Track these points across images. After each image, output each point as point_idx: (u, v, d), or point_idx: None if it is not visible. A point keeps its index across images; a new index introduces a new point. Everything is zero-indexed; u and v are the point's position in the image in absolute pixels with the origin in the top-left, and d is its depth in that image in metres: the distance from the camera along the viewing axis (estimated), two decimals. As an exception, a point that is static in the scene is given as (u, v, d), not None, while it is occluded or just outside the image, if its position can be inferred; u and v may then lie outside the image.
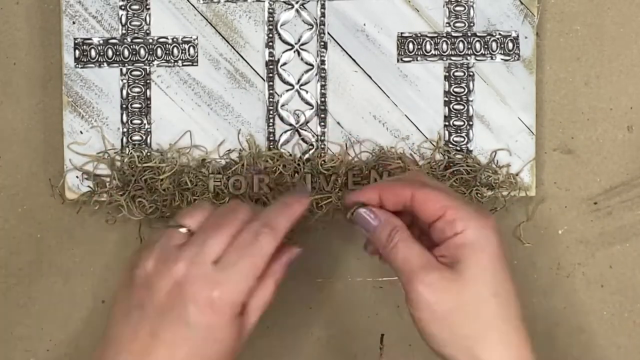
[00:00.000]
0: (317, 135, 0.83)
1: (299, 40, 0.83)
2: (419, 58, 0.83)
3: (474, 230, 0.70)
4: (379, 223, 0.73)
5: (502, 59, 0.82)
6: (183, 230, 0.71)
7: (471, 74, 0.83)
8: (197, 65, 0.83)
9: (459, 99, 0.83)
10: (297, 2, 0.83)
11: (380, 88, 0.83)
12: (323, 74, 0.83)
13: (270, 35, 0.83)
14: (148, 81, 0.83)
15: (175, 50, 0.83)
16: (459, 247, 0.70)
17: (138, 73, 0.83)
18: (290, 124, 0.83)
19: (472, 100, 0.83)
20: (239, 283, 0.69)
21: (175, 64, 0.83)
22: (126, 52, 0.83)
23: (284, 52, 0.83)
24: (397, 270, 0.71)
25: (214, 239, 0.70)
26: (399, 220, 0.73)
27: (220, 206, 0.73)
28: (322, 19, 0.83)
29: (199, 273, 0.69)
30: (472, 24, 0.82)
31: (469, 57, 0.83)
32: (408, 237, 0.72)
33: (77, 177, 0.83)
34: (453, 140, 0.83)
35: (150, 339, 0.69)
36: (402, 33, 0.83)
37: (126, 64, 0.83)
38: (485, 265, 0.70)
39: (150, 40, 0.83)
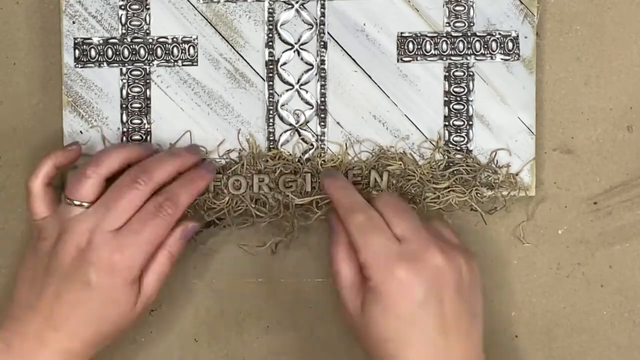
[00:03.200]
0: (317, 135, 0.83)
1: (298, 40, 0.83)
2: (418, 58, 0.83)
3: (376, 281, 0.74)
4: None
5: (502, 59, 0.82)
6: (78, 203, 0.77)
7: (471, 73, 0.83)
8: (197, 65, 0.83)
9: (458, 98, 0.83)
10: (297, 2, 0.83)
11: (380, 88, 0.83)
12: (323, 74, 0.83)
13: (270, 35, 0.83)
14: (148, 81, 0.83)
15: (175, 50, 0.83)
16: (368, 292, 0.74)
17: (138, 73, 0.83)
18: (290, 124, 0.83)
19: (472, 100, 0.83)
20: (137, 250, 0.76)
21: (175, 63, 0.83)
22: (126, 52, 0.83)
23: (283, 52, 0.83)
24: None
25: (116, 210, 0.76)
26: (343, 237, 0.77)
27: (107, 170, 0.78)
28: (322, 18, 0.83)
29: (101, 239, 0.75)
30: (472, 24, 0.82)
31: (468, 57, 0.83)
32: (348, 252, 0.76)
33: (77, 176, 0.83)
34: (453, 140, 0.83)
35: (55, 299, 0.75)
36: (402, 33, 0.83)
37: (126, 64, 0.83)
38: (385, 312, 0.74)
39: (150, 40, 0.83)
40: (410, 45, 0.83)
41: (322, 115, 0.83)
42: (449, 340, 0.73)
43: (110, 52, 0.83)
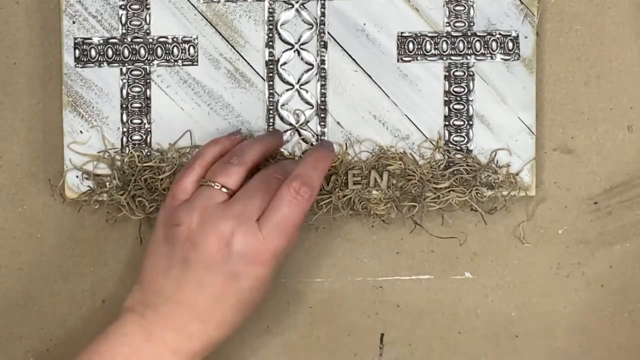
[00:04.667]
0: (317, 135, 0.83)
1: (299, 40, 0.83)
2: (419, 58, 0.83)
3: None
4: None
5: (502, 59, 0.82)
6: (224, 190, 0.77)
7: (471, 73, 0.83)
8: (197, 65, 0.83)
9: (459, 98, 0.83)
10: (297, 2, 0.83)
11: (380, 88, 0.83)
12: (323, 74, 0.83)
13: (270, 34, 0.83)
14: (148, 81, 0.83)
15: (175, 50, 0.83)
16: None
17: (138, 73, 0.83)
18: (290, 124, 0.83)
19: (472, 100, 0.83)
20: (282, 238, 0.76)
21: (175, 63, 0.83)
22: (126, 52, 0.83)
23: (284, 52, 0.83)
24: None
25: (257, 199, 0.76)
26: None
27: (252, 161, 0.79)
28: (322, 18, 0.83)
29: (247, 230, 0.75)
30: (472, 24, 0.82)
31: (469, 57, 0.83)
32: None
33: (77, 176, 0.83)
34: (453, 140, 0.83)
35: (197, 290, 0.75)
36: (402, 33, 0.83)
37: (126, 64, 0.83)
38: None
39: (150, 40, 0.83)
40: (411, 45, 0.83)
41: (322, 115, 0.83)
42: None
43: (110, 52, 0.83)
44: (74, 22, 0.83)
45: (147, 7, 0.83)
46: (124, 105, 0.83)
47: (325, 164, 0.79)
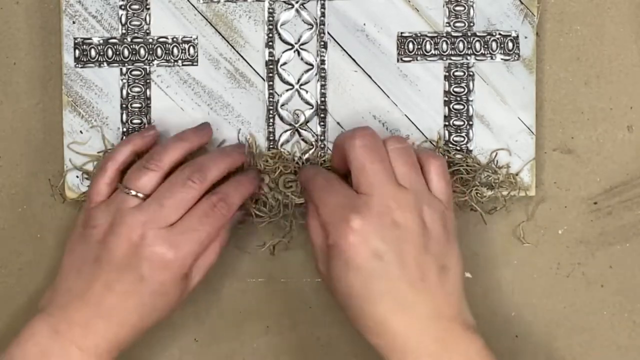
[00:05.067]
0: (317, 135, 0.83)
1: (298, 40, 0.83)
2: (419, 58, 0.83)
3: (334, 236, 0.74)
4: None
5: (502, 59, 0.82)
6: (135, 194, 0.77)
7: (471, 73, 0.83)
8: (197, 65, 0.83)
9: (459, 98, 0.83)
10: (297, 2, 0.83)
11: (380, 88, 0.83)
12: (323, 74, 0.83)
13: (270, 35, 0.83)
14: (148, 81, 0.83)
15: (175, 50, 0.83)
16: (328, 249, 0.75)
17: (138, 73, 0.83)
18: (290, 124, 0.83)
19: (472, 100, 0.83)
20: (192, 247, 0.76)
21: (175, 63, 0.83)
22: (126, 52, 0.83)
23: (283, 52, 0.83)
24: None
25: (170, 207, 0.76)
26: None
27: (167, 164, 0.78)
28: (322, 18, 0.83)
29: (155, 235, 0.75)
30: (472, 24, 0.82)
31: (468, 57, 0.83)
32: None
33: (77, 176, 0.83)
34: (453, 140, 0.83)
35: (104, 289, 0.76)
36: (402, 33, 0.83)
37: (126, 64, 0.83)
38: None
39: (150, 40, 0.83)
40: (411, 45, 0.83)
41: (322, 115, 0.83)
42: (417, 294, 0.73)
43: (110, 52, 0.83)
44: (74, 22, 0.83)
45: (147, 7, 0.83)
46: (124, 105, 0.83)
47: (248, 187, 0.80)
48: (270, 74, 0.83)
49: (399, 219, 0.73)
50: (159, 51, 0.83)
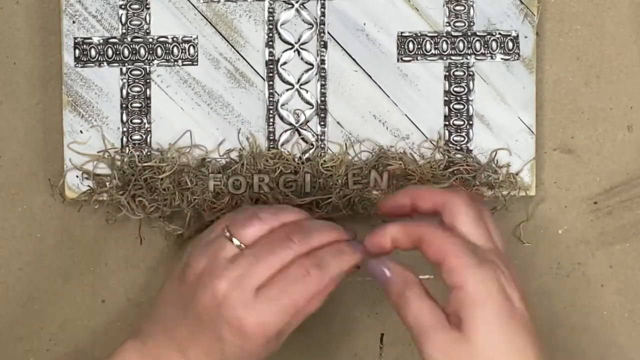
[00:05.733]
0: (317, 135, 0.83)
1: (299, 40, 0.83)
2: (419, 57, 0.83)
3: (473, 286, 0.68)
4: (391, 276, 0.72)
5: (502, 59, 0.82)
6: (236, 243, 0.73)
7: (471, 73, 0.83)
8: (197, 65, 0.83)
9: (459, 98, 0.83)
10: (297, 2, 0.83)
11: (380, 87, 0.83)
12: (323, 74, 0.83)
13: (270, 34, 0.83)
14: (148, 80, 0.83)
15: (175, 50, 0.83)
16: (460, 303, 0.68)
17: (138, 72, 0.83)
18: (290, 124, 0.83)
19: (472, 100, 0.83)
20: (276, 317, 0.71)
21: (175, 63, 0.83)
22: (126, 52, 0.83)
23: (284, 52, 0.83)
24: (408, 326, 0.69)
25: (263, 265, 0.72)
26: (412, 275, 0.71)
27: (278, 222, 0.74)
28: (322, 18, 0.83)
29: (240, 297, 0.71)
30: (472, 24, 0.82)
31: (469, 57, 0.83)
32: (420, 293, 0.70)
33: (77, 176, 0.83)
34: (453, 139, 0.83)
35: (189, 338, 0.73)
36: (402, 32, 0.83)
37: (126, 64, 0.83)
38: (489, 323, 0.68)
39: (150, 40, 0.83)
40: (411, 45, 0.83)
41: (322, 115, 0.83)
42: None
43: (110, 52, 0.83)
44: (74, 22, 0.83)
45: (147, 7, 0.83)
46: (124, 105, 0.83)
47: (349, 258, 0.73)
48: (270, 74, 0.83)
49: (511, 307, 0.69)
50: (159, 51, 0.83)
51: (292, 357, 0.85)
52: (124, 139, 0.83)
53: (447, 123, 0.83)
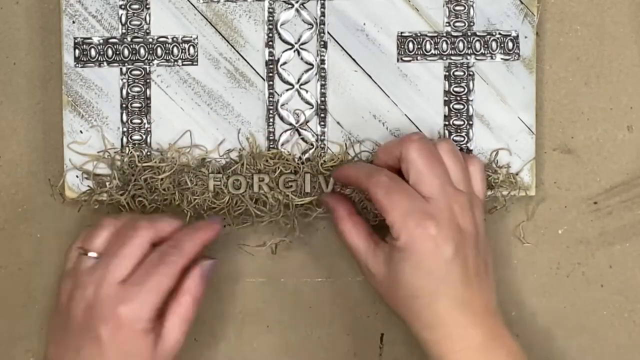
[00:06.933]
0: (317, 135, 0.83)
1: (298, 40, 0.83)
2: (418, 57, 0.83)
3: (406, 239, 0.75)
4: (333, 206, 0.81)
5: (502, 59, 0.82)
6: (92, 254, 0.77)
7: (471, 73, 0.83)
8: (197, 65, 0.83)
9: (458, 98, 0.83)
10: (297, 2, 0.83)
11: (380, 87, 0.83)
12: (323, 74, 0.83)
13: (270, 34, 0.83)
14: (148, 80, 0.83)
15: (175, 50, 0.83)
16: (394, 250, 0.76)
17: (138, 72, 0.83)
18: (290, 124, 0.83)
19: (472, 100, 0.83)
20: (144, 300, 0.74)
21: (175, 63, 0.83)
22: (126, 52, 0.83)
23: (283, 52, 0.83)
24: (348, 249, 0.80)
25: (119, 260, 0.75)
26: (346, 206, 0.80)
27: (121, 222, 0.78)
28: (322, 18, 0.83)
29: (106, 292, 0.74)
30: (472, 24, 0.82)
31: (468, 57, 0.83)
32: (353, 224, 0.79)
33: (77, 176, 0.83)
34: (453, 139, 0.83)
35: (75, 355, 0.74)
36: (402, 32, 0.83)
37: (126, 64, 0.83)
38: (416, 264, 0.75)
39: (150, 40, 0.83)
40: (410, 45, 0.83)
41: (322, 115, 0.83)
42: (472, 291, 0.76)
43: (110, 52, 0.83)
44: (74, 22, 0.83)
45: (147, 7, 0.83)
46: (124, 105, 0.83)
47: (204, 233, 0.78)
48: (270, 74, 0.83)
49: (462, 224, 0.76)
50: (159, 51, 0.83)
51: (292, 357, 0.85)
52: (124, 139, 0.83)
53: (447, 123, 0.83)
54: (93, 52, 0.83)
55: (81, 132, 0.83)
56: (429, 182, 0.76)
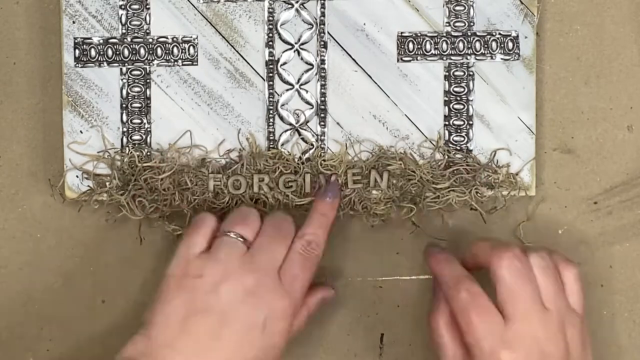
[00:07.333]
0: (317, 135, 0.83)
1: (298, 40, 0.83)
2: (419, 57, 0.83)
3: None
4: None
5: (502, 59, 0.82)
6: (241, 240, 0.77)
7: (471, 73, 0.83)
8: (197, 65, 0.83)
9: (458, 98, 0.83)
10: (297, 2, 0.83)
11: (380, 87, 0.83)
12: (323, 74, 0.83)
13: (270, 34, 0.83)
14: (148, 81, 0.83)
15: (175, 50, 0.83)
16: None
17: (138, 72, 0.83)
18: (290, 124, 0.83)
19: (472, 100, 0.83)
20: (298, 294, 0.77)
21: (175, 63, 0.83)
22: (126, 52, 0.83)
23: (283, 52, 0.83)
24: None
25: (277, 251, 0.77)
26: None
27: (266, 215, 0.80)
28: (322, 18, 0.83)
29: (270, 283, 0.75)
30: (472, 24, 0.82)
31: (468, 57, 0.83)
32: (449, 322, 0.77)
33: (77, 176, 0.83)
34: (453, 139, 0.83)
35: (213, 341, 0.74)
36: (402, 32, 0.83)
37: (126, 64, 0.83)
38: None
39: (150, 40, 0.83)
40: (410, 45, 0.83)
41: (322, 115, 0.83)
42: None
43: (110, 52, 0.83)
44: (74, 22, 0.83)
45: (147, 7, 0.83)
46: (124, 105, 0.83)
47: (329, 219, 0.80)
48: (270, 74, 0.83)
49: (547, 349, 0.73)
50: (159, 51, 0.83)
51: (292, 357, 0.85)
52: (124, 139, 0.83)
53: (447, 123, 0.83)
54: (93, 52, 0.83)
55: (81, 132, 0.83)
56: (514, 304, 0.73)
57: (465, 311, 0.73)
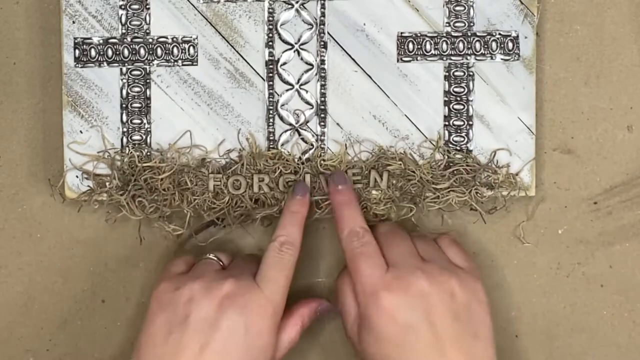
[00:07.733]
0: (316, 135, 0.83)
1: (298, 40, 0.83)
2: (418, 58, 0.83)
3: (363, 310, 0.77)
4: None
5: (502, 59, 0.82)
6: (220, 262, 0.81)
7: (471, 73, 0.83)
8: (197, 65, 0.83)
9: (458, 98, 0.83)
10: (297, 2, 0.83)
11: (380, 88, 0.83)
12: (323, 74, 0.83)
13: (270, 35, 0.83)
14: (148, 81, 0.83)
15: (175, 50, 0.83)
16: (359, 318, 0.78)
17: (138, 72, 0.83)
18: (290, 124, 0.83)
19: (472, 100, 0.83)
20: (277, 291, 0.77)
21: (175, 63, 0.83)
22: (126, 52, 0.83)
23: (283, 52, 0.83)
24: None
25: (252, 267, 0.79)
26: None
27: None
28: (322, 18, 0.83)
29: (246, 287, 0.76)
30: (472, 24, 0.82)
31: (468, 57, 0.83)
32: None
33: (77, 176, 0.83)
34: (453, 140, 0.83)
35: (200, 351, 0.75)
36: (402, 33, 0.83)
37: (126, 64, 0.83)
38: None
39: (150, 40, 0.83)
40: (410, 45, 0.83)
41: (322, 115, 0.83)
42: None
43: (110, 52, 0.83)
44: (74, 22, 0.83)
45: (147, 7, 0.83)
46: (124, 105, 0.83)
47: (301, 216, 0.80)
48: (270, 74, 0.83)
49: (426, 289, 0.76)
50: (159, 51, 0.83)
51: (292, 357, 0.85)
52: (124, 139, 0.83)
53: (447, 123, 0.83)
54: (93, 52, 0.83)
55: (81, 132, 0.83)
56: (393, 253, 0.78)
57: (354, 258, 0.77)
